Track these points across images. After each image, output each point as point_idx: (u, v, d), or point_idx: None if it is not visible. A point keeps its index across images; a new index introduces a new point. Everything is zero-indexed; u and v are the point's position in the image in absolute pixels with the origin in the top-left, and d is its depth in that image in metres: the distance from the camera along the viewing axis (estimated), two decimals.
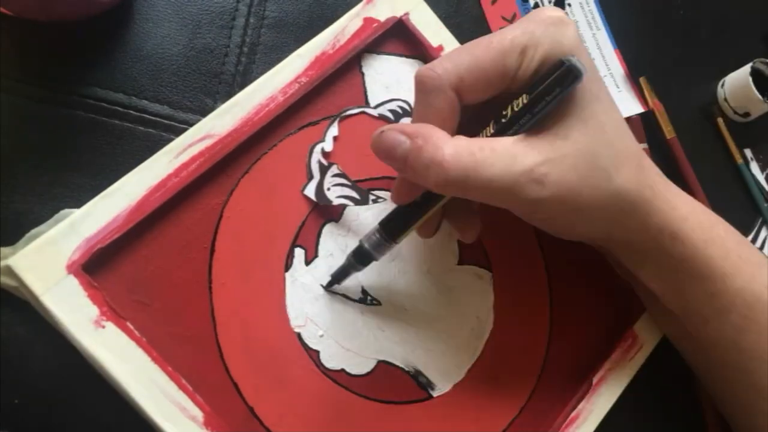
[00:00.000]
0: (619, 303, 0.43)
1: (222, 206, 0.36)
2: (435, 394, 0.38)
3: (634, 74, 0.50)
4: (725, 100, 0.52)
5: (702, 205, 0.37)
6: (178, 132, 0.36)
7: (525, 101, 0.30)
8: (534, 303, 0.41)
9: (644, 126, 0.49)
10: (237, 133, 0.36)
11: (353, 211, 0.38)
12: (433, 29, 0.41)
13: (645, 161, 0.34)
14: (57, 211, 0.34)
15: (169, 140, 0.35)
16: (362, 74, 0.40)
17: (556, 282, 0.42)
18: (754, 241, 0.51)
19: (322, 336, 0.36)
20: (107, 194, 0.33)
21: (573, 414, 0.39)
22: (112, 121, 0.36)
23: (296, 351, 0.35)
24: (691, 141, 0.50)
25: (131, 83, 0.37)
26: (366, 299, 0.38)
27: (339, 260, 0.37)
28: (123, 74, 0.37)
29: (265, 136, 0.37)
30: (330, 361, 0.36)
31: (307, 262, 0.37)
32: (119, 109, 0.36)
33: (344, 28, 0.39)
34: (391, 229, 0.34)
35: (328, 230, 0.38)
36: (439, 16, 0.42)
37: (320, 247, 0.37)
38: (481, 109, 0.33)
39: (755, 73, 0.50)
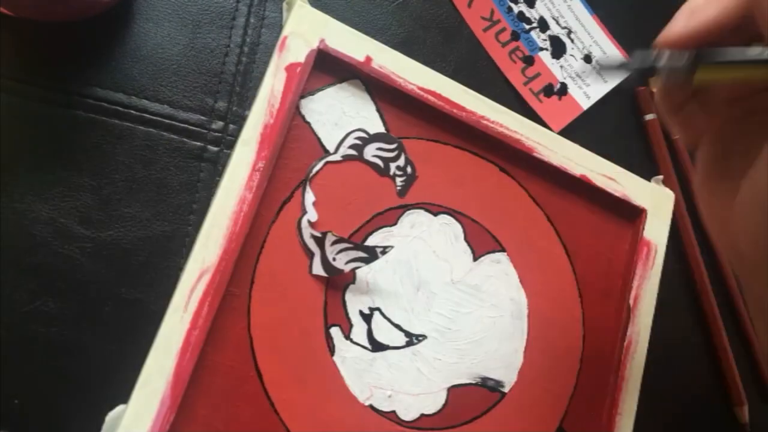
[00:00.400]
0: (625, 219, 0.44)
1: (247, 328, 0.35)
2: (506, 389, 0.39)
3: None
4: None
5: None
6: (178, 131, 0.37)
7: None
8: (553, 261, 0.42)
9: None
10: (227, 253, 0.34)
11: (364, 268, 0.38)
12: (353, 43, 0.39)
13: None
14: (57, 210, 0.34)
15: (170, 140, 0.36)
16: (308, 123, 0.38)
17: (565, 232, 0.43)
18: None
19: (390, 396, 0.37)
20: (143, 383, 0.32)
21: (626, 341, 0.41)
22: (112, 121, 0.36)
23: (376, 422, 0.36)
24: None
25: (131, 83, 0.37)
26: (412, 340, 0.38)
27: (374, 320, 0.37)
28: (123, 74, 0.37)
29: (252, 238, 0.35)
30: (408, 414, 0.37)
31: (346, 336, 0.37)
32: (119, 108, 0.36)
33: (272, 89, 0.36)
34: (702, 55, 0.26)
35: (350, 295, 0.37)
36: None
37: (351, 316, 0.37)
38: None
39: None
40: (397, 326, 0.38)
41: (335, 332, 0.36)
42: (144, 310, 0.33)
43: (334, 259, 0.37)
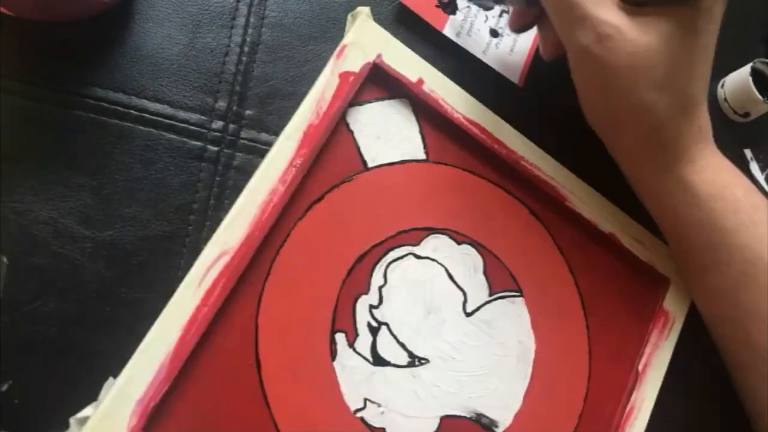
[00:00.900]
0: (647, 284, 0.44)
1: (255, 316, 0.35)
2: (499, 430, 0.39)
3: None
4: (725, 100, 0.51)
5: (735, 174, 0.37)
6: (179, 131, 0.37)
7: None
8: (568, 312, 0.42)
9: None
10: (250, 239, 0.35)
11: (379, 279, 0.38)
12: (409, 63, 0.40)
13: (696, 111, 0.35)
14: (57, 210, 0.34)
15: (170, 140, 0.36)
16: (351, 132, 0.39)
17: (584, 286, 0.42)
18: None
19: (383, 412, 0.36)
20: (143, 348, 0.32)
21: (629, 407, 0.41)
22: (112, 121, 0.36)
23: None
24: None
25: (131, 83, 0.37)
26: (414, 361, 0.38)
27: (380, 334, 0.37)
28: (123, 74, 0.37)
29: (276, 230, 0.36)
30: None
31: (350, 344, 0.37)
32: (119, 108, 0.36)
33: (323, 92, 0.37)
34: None
35: (361, 305, 0.37)
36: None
37: (358, 325, 0.37)
38: None
39: (755, 73, 0.50)
40: (402, 345, 0.38)
41: (340, 338, 0.36)
42: (144, 310, 0.32)
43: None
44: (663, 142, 0.35)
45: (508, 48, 0.46)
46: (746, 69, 0.50)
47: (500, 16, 0.46)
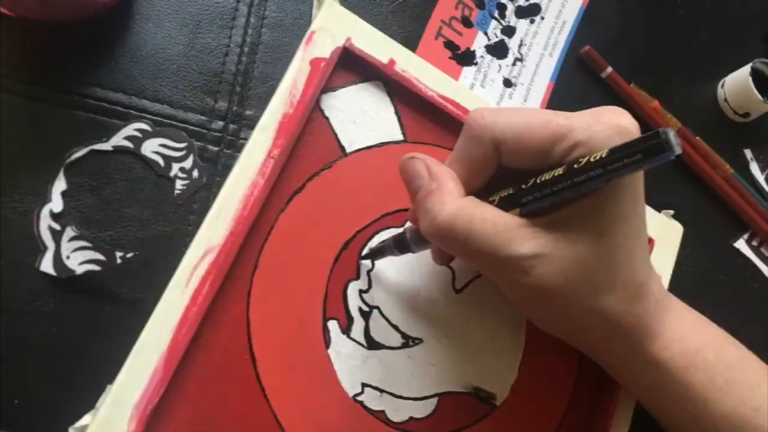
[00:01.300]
0: None
1: (245, 311, 0.35)
2: (498, 402, 0.39)
3: (631, 74, 0.50)
4: (725, 100, 0.51)
5: (702, 325, 0.36)
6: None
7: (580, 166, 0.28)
8: None
9: None
10: (233, 235, 0.34)
11: (366, 263, 0.38)
12: (379, 45, 0.39)
13: (647, 290, 0.33)
14: None
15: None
16: (326, 118, 0.39)
17: None
18: (751, 238, 0.51)
19: (381, 395, 0.37)
20: (136, 352, 0.32)
21: None
22: (113, 121, 0.36)
23: (364, 420, 0.36)
24: None
25: (131, 83, 0.37)
26: (408, 342, 0.38)
27: (372, 318, 0.37)
28: (123, 74, 0.37)
29: (260, 224, 0.36)
30: (396, 415, 0.37)
31: (343, 331, 0.37)
32: (119, 109, 0.36)
33: (295, 80, 0.37)
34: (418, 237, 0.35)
35: (351, 290, 0.37)
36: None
37: (351, 311, 0.37)
38: (515, 174, 0.32)
39: (755, 74, 0.49)
40: (395, 327, 0.38)
41: (332, 325, 0.37)
42: (144, 310, 0.32)
43: (68, 257, 0.34)
44: (624, 333, 0.33)
45: (522, 98, 0.46)
46: (746, 69, 0.50)
47: (513, 64, 0.46)
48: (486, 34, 0.46)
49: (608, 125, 0.29)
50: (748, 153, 0.52)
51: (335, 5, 0.38)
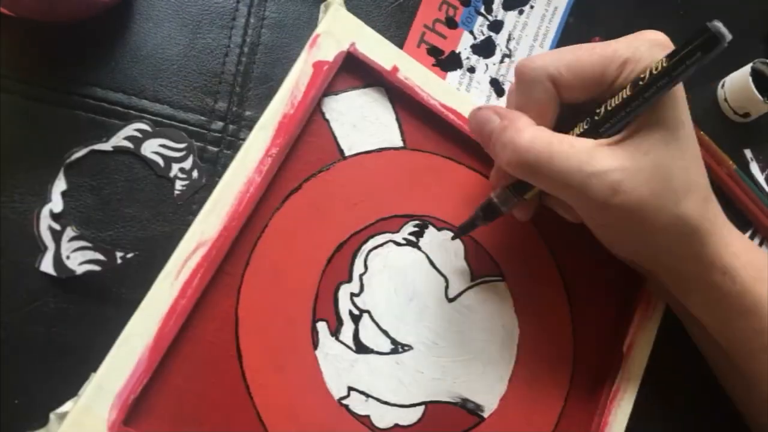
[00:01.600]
0: (628, 271, 0.44)
1: (234, 307, 0.35)
2: (485, 414, 0.39)
3: None
4: (725, 100, 0.51)
5: (756, 246, 0.38)
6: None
7: (644, 81, 0.31)
8: (551, 295, 0.42)
9: None
10: (227, 230, 0.34)
11: (359, 267, 0.38)
12: (382, 52, 0.40)
13: (711, 196, 0.34)
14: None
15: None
16: (327, 121, 0.39)
17: (566, 268, 0.42)
18: (752, 238, 0.51)
19: (367, 400, 0.36)
20: (122, 342, 0.32)
21: (614, 388, 0.41)
22: (112, 121, 0.36)
23: (349, 424, 0.36)
24: None
25: (131, 83, 0.37)
26: (397, 348, 0.38)
27: (362, 322, 0.37)
28: (123, 74, 0.37)
29: (254, 221, 0.36)
30: (382, 421, 0.36)
31: (332, 333, 0.36)
32: (119, 109, 0.36)
33: (297, 82, 0.37)
34: (516, 187, 0.36)
35: (343, 293, 0.37)
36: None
37: (341, 313, 0.37)
38: (577, 112, 0.34)
39: (755, 74, 0.49)
40: (385, 332, 0.38)
41: (322, 327, 0.36)
42: None
43: (68, 257, 0.34)
44: (702, 240, 0.34)
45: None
46: (746, 69, 0.50)
47: (501, 62, 0.46)
48: (472, 32, 0.45)
49: (646, 40, 0.32)
50: (748, 153, 0.52)
51: (341, 9, 0.39)
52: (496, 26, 0.46)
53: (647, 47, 0.32)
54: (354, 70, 0.39)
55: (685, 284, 0.37)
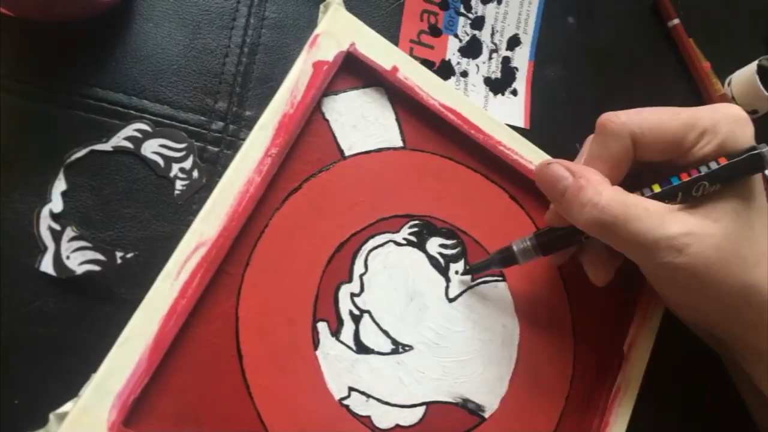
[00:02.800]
0: (629, 271, 0.44)
1: (235, 307, 0.35)
2: (486, 415, 0.39)
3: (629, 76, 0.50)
4: (732, 98, 0.51)
5: None
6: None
7: (702, 171, 0.33)
8: (551, 295, 0.42)
9: None
10: (227, 230, 0.34)
11: (360, 267, 0.38)
12: (382, 52, 0.40)
13: None
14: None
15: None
16: (327, 121, 0.39)
17: (566, 268, 0.42)
18: None
19: (368, 400, 0.36)
20: (122, 342, 0.32)
21: (615, 388, 0.41)
22: (113, 121, 0.36)
23: (349, 424, 0.36)
24: None
25: (131, 83, 0.37)
26: (398, 348, 0.38)
27: (362, 322, 0.37)
28: (123, 74, 0.37)
29: (254, 221, 0.36)
30: (383, 421, 0.36)
31: (333, 333, 0.36)
32: (119, 109, 0.36)
33: (297, 81, 0.37)
34: (544, 245, 0.37)
35: (344, 293, 0.37)
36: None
37: (341, 313, 0.37)
38: (644, 171, 0.36)
39: (761, 71, 0.50)
40: (385, 332, 0.37)
41: (322, 327, 0.36)
42: None
43: (68, 257, 0.34)
44: None
45: (509, 91, 0.46)
46: (752, 66, 0.50)
47: (490, 58, 0.46)
48: (457, 35, 0.45)
49: (727, 114, 0.34)
50: None
51: (341, 9, 0.39)
52: (478, 23, 0.46)
53: (727, 122, 0.33)
54: (354, 70, 0.39)
55: (753, 355, 0.37)
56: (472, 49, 0.45)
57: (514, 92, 0.46)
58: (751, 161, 0.32)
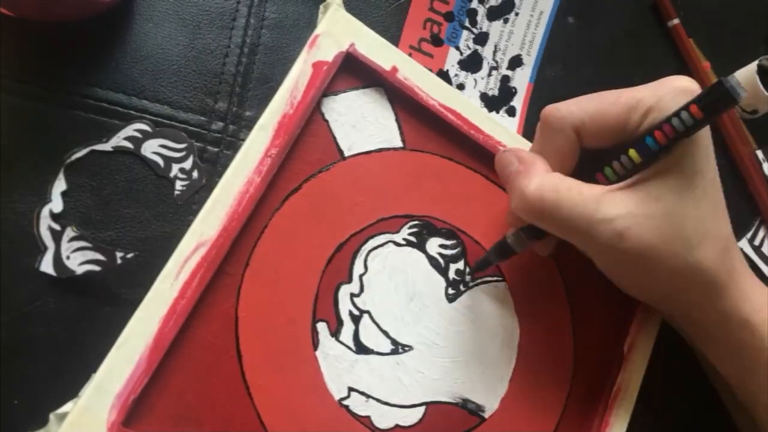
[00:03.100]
0: None
1: (234, 307, 0.35)
2: (486, 415, 0.39)
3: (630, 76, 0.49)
4: None
5: None
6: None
7: (677, 126, 0.30)
8: (551, 295, 0.42)
9: None
10: (226, 230, 0.34)
11: (359, 267, 0.38)
12: (382, 52, 0.40)
13: (732, 246, 0.34)
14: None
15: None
16: (326, 121, 0.39)
17: (566, 268, 0.42)
18: (753, 237, 0.51)
19: (367, 401, 0.36)
20: (121, 342, 0.32)
21: (615, 388, 0.40)
22: (113, 121, 0.36)
23: (349, 424, 0.36)
24: None
25: (132, 83, 0.37)
26: (397, 349, 0.38)
27: (362, 322, 0.37)
28: (123, 74, 0.37)
29: (254, 221, 0.36)
30: (382, 421, 0.36)
31: (332, 334, 0.36)
32: (120, 109, 0.36)
33: (296, 82, 0.37)
34: (531, 229, 0.36)
35: (343, 294, 0.37)
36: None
37: (341, 314, 0.37)
38: (600, 154, 0.34)
39: (762, 71, 0.49)
40: (385, 332, 0.37)
41: (322, 327, 0.36)
42: None
43: (68, 258, 0.34)
44: (719, 291, 0.34)
45: (503, 110, 0.45)
46: (752, 66, 0.50)
47: (489, 75, 0.45)
48: (458, 48, 0.45)
49: (671, 87, 0.32)
50: (760, 154, 0.52)
51: (340, 10, 0.39)
52: (482, 39, 0.46)
53: (672, 96, 0.31)
54: (353, 71, 0.39)
55: (701, 332, 0.37)
56: (472, 64, 0.45)
57: (511, 111, 0.45)
58: (723, 97, 0.28)
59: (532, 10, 0.47)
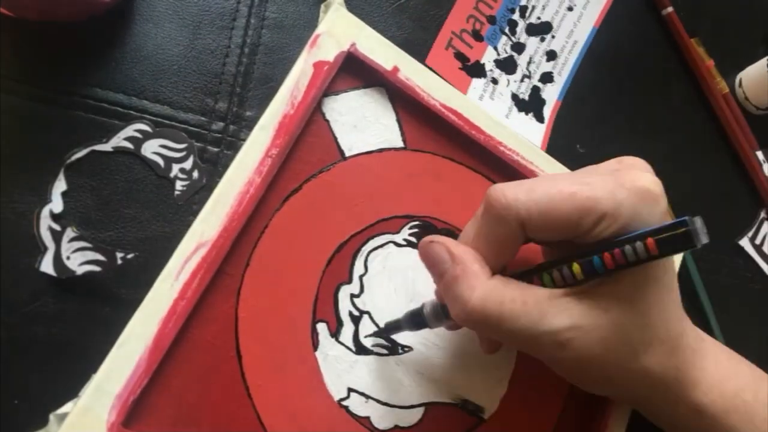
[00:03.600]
0: None
1: (234, 308, 0.35)
2: (486, 415, 0.39)
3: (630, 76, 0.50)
4: (745, 98, 0.51)
5: (736, 366, 0.36)
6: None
7: (629, 256, 0.28)
8: None
9: None
10: (227, 231, 0.34)
11: (360, 268, 0.38)
12: (383, 52, 0.40)
13: (682, 341, 0.33)
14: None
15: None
16: (327, 121, 0.39)
17: None
18: (755, 236, 0.51)
19: (367, 401, 0.36)
20: (121, 343, 0.32)
21: None
22: (113, 122, 0.36)
23: (348, 425, 0.36)
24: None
25: (132, 83, 0.37)
26: (397, 349, 0.38)
27: (362, 323, 0.37)
28: (123, 74, 0.37)
29: (254, 222, 0.36)
30: (382, 422, 0.36)
31: (332, 334, 0.36)
32: (120, 109, 0.36)
33: (297, 81, 0.37)
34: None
35: (344, 294, 0.37)
36: None
37: (341, 314, 0.37)
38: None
39: None
40: None
41: (322, 328, 0.36)
42: None
43: (68, 258, 0.34)
44: (666, 387, 0.33)
45: (531, 115, 0.46)
46: (762, 63, 0.50)
47: (521, 81, 0.46)
48: (496, 49, 0.46)
49: (632, 191, 0.29)
50: (760, 155, 0.52)
51: (342, 9, 0.39)
52: (519, 48, 0.47)
53: (631, 203, 0.29)
54: (354, 71, 0.39)
55: (653, 416, 0.37)
56: (507, 66, 0.46)
57: (539, 117, 0.46)
58: (683, 240, 0.27)
59: (567, 37, 0.48)
